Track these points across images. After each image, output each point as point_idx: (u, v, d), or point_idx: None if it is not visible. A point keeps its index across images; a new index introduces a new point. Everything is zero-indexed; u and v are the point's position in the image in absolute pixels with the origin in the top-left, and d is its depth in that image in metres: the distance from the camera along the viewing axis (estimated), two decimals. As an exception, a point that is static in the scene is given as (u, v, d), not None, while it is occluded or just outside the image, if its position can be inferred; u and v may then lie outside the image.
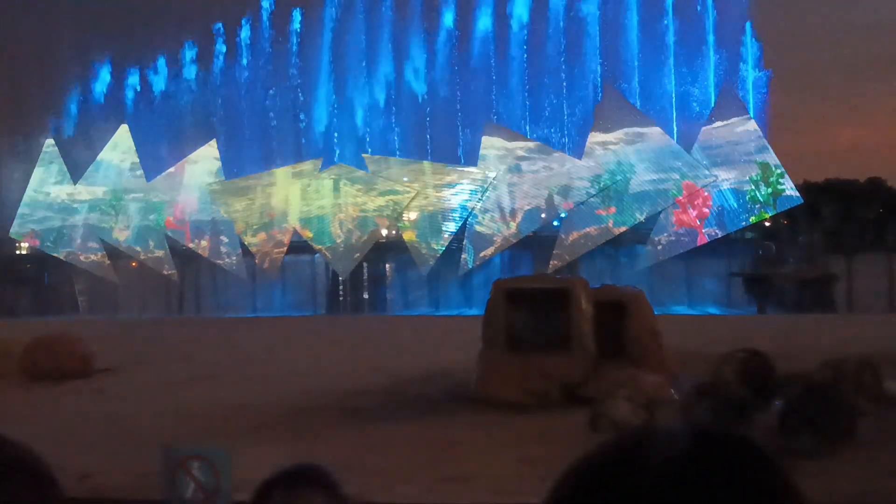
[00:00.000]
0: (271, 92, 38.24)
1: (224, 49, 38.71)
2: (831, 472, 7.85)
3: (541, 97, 36.62)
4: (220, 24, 38.57)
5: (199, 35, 38.29)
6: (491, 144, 34.03)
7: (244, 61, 38.50)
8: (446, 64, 37.58)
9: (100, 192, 36.98)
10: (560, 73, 36.47)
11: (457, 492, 7.96)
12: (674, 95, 35.74)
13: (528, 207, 33.76)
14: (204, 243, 36.09)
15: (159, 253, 36.45)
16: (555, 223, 34.24)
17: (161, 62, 38.94)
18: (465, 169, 34.53)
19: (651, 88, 35.70)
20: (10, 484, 1.19)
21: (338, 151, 37.40)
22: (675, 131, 34.45)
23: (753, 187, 32.59)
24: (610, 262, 33.66)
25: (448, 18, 37.51)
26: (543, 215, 34.08)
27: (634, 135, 33.07)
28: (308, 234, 35.26)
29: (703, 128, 33.25)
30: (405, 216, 34.90)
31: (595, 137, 33.36)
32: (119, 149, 37.13)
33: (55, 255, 37.21)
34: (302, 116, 38.31)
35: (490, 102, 36.48)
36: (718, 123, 33.08)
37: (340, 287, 36.75)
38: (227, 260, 36.00)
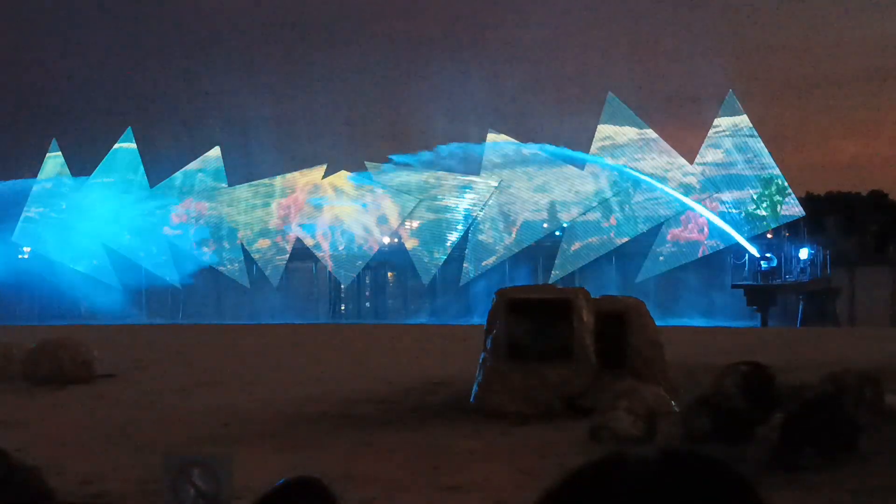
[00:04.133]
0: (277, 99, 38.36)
1: None
2: (832, 486, 7.84)
3: (544, 106, 36.69)
4: None
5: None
6: (494, 153, 34.07)
7: None
8: (450, 71, 37.66)
9: (106, 196, 37.02)
10: (563, 81, 36.56)
11: (456, 502, 7.96)
12: (677, 106, 35.84)
13: (531, 217, 33.78)
14: (207, 249, 36.11)
15: (163, 258, 36.47)
16: (557, 233, 34.26)
17: None
18: (468, 178, 34.56)
19: (654, 99, 35.82)
20: None
21: (341, 159, 37.46)
22: (677, 141, 34.51)
23: (756, 199, 32.61)
24: (611, 273, 33.65)
25: (450, 26, 37.62)
26: (545, 225, 34.11)
27: (637, 145, 33.11)
28: (310, 241, 35.29)
29: (706, 138, 33.28)
30: (407, 224, 34.93)
31: (598, 147, 33.42)
32: (125, 152, 37.23)
33: (58, 259, 37.22)
34: (306, 124, 38.44)
35: (492, 111, 36.54)
36: (721, 135, 33.11)
37: (342, 294, 36.74)
38: (229, 266, 36.02)
